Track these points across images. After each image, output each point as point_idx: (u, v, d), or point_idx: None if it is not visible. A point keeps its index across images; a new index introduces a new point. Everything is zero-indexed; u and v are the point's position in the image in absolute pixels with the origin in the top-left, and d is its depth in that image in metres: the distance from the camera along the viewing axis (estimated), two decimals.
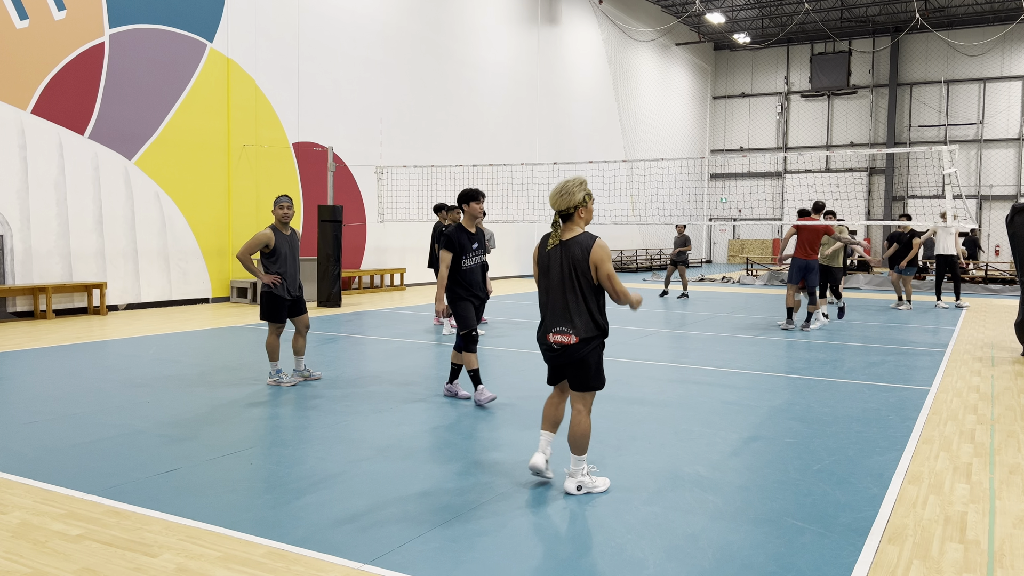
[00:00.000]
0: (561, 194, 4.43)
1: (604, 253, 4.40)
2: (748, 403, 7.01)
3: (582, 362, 4.45)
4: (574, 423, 4.50)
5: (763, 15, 34.96)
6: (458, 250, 6.74)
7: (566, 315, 4.45)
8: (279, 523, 4.06)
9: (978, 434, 6.06)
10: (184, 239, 15.15)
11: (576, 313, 4.43)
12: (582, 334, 4.41)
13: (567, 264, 4.43)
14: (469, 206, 6.84)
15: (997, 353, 10.19)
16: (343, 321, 13.00)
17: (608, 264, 4.40)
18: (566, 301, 4.45)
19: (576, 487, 4.51)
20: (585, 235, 4.44)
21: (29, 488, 4.56)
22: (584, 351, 4.43)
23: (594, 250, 4.39)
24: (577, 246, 4.42)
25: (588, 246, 4.40)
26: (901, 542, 3.93)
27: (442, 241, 6.73)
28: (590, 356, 4.45)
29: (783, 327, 12.31)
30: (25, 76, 12.58)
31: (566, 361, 4.48)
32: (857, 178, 36.72)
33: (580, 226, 4.49)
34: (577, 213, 4.46)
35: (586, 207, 4.45)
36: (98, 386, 7.44)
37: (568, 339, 4.43)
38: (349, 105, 18.70)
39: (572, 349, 4.44)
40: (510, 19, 24.55)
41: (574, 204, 4.43)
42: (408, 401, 6.96)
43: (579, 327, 4.42)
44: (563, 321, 4.46)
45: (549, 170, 24.83)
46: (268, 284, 7.43)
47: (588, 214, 4.47)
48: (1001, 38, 33.72)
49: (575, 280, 4.42)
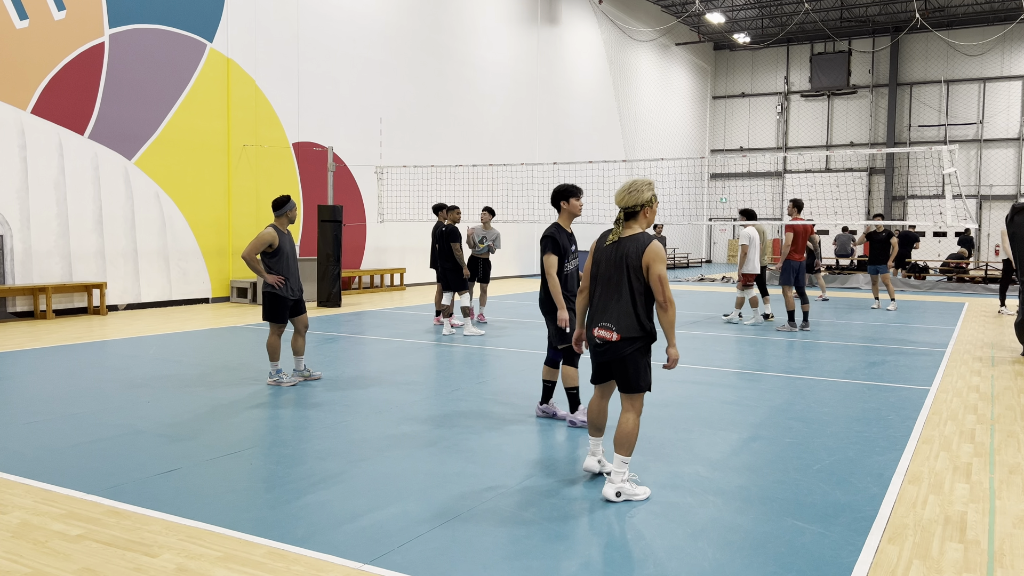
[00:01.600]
0: (629, 191, 4.45)
1: (659, 254, 4.37)
2: (748, 403, 7.01)
3: (624, 361, 4.43)
4: (621, 422, 4.48)
5: (763, 15, 34.95)
6: (562, 253, 5.96)
7: (612, 312, 4.44)
8: (279, 523, 4.06)
9: (978, 434, 6.06)
10: (184, 239, 15.15)
11: (621, 311, 4.42)
12: (624, 333, 4.40)
13: (621, 261, 4.43)
14: (568, 203, 5.95)
15: (997, 353, 10.19)
16: (343, 321, 13.00)
17: (660, 266, 4.36)
18: (614, 298, 4.45)
19: (615, 493, 4.43)
20: (643, 234, 4.45)
21: (29, 488, 4.56)
22: (627, 350, 4.41)
23: (649, 249, 4.38)
24: (633, 243, 4.42)
25: (644, 244, 4.39)
26: (901, 542, 3.93)
27: (546, 244, 5.92)
28: (634, 356, 4.42)
29: (781, 328, 12.28)
30: (25, 76, 12.58)
31: (611, 358, 4.46)
32: (857, 178, 36.72)
33: (642, 226, 4.50)
34: (642, 212, 4.48)
35: (651, 207, 4.48)
36: (98, 386, 7.44)
37: (610, 335, 4.43)
38: (349, 105, 18.70)
39: (615, 347, 4.42)
40: (510, 19, 24.55)
41: (641, 202, 4.45)
42: (408, 401, 6.96)
43: (623, 325, 4.41)
44: (608, 317, 4.45)
45: (549, 170, 24.84)
46: (272, 284, 7.44)
47: (652, 215, 4.50)
48: (1001, 38, 33.72)
49: (626, 277, 4.41)
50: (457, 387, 7.60)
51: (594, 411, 4.80)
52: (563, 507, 4.34)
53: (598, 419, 4.79)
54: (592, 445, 4.83)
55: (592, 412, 4.80)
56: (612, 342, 4.43)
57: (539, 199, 23.77)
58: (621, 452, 4.46)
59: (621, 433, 4.46)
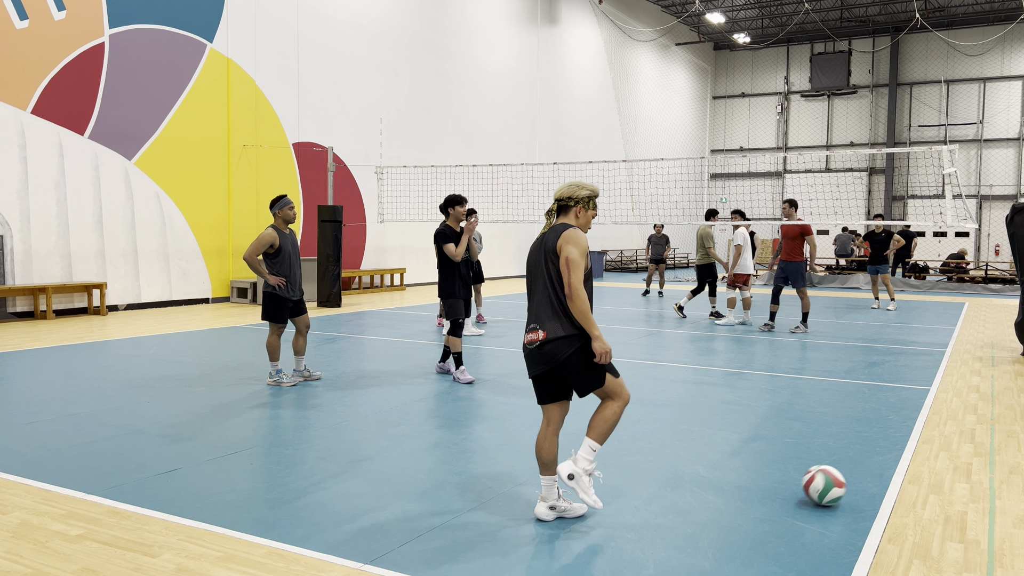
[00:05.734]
0: (568, 185, 4.12)
1: (574, 238, 3.91)
2: (748, 403, 7.01)
3: (565, 366, 3.92)
4: (601, 407, 4.02)
5: (763, 15, 34.96)
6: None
7: (535, 310, 4.03)
8: (279, 523, 4.06)
9: (978, 434, 6.06)
10: (184, 239, 15.15)
11: (545, 308, 3.97)
12: (551, 332, 3.91)
13: (541, 253, 4.02)
14: (454, 210, 7.92)
15: (997, 353, 10.19)
16: (343, 321, 13.00)
17: (571, 248, 3.88)
18: (536, 295, 4.03)
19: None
20: (564, 225, 4.03)
21: (29, 488, 4.56)
22: (561, 353, 3.90)
23: (565, 233, 3.95)
24: (553, 233, 4.01)
25: (561, 231, 3.98)
26: (901, 542, 3.93)
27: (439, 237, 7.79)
28: (572, 358, 3.91)
29: (794, 330, 12.09)
30: (25, 76, 12.58)
31: (544, 366, 3.96)
32: (857, 178, 36.72)
33: (571, 223, 4.09)
34: (575, 209, 4.09)
35: (585, 209, 4.09)
36: (98, 386, 7.44)
37: (536, 335, 3.96)
38: (349, 105, 18.70)
39: (546, 349, 3.93)
40: (510, 19, 24.55)
41: (574, 197, 4.08)
42: (408, 401, 6.96)
43: (547, 323, 3.94)
44: (534, 318, 4.02)
45: (549, 170, 24.83)
46: (274, 285, 7.44)
47: (585, 219, 4.10)
48: (1001, 38, 33.71)
49: (547, 271, 3.98)
50: (457, 387, 7.60)
51: (538, 442, 4.10)
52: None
53: (543, 452, 4.07)
54: (544, 488, 4.09)
55: (537, 444, 4.10)
56: (540, 342, 3.94)
57: (539, 199, 23.77)
58: (591, 436, 3.99)
59: (598, 416, 3.99)
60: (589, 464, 4.00)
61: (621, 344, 10.53)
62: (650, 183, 30.74)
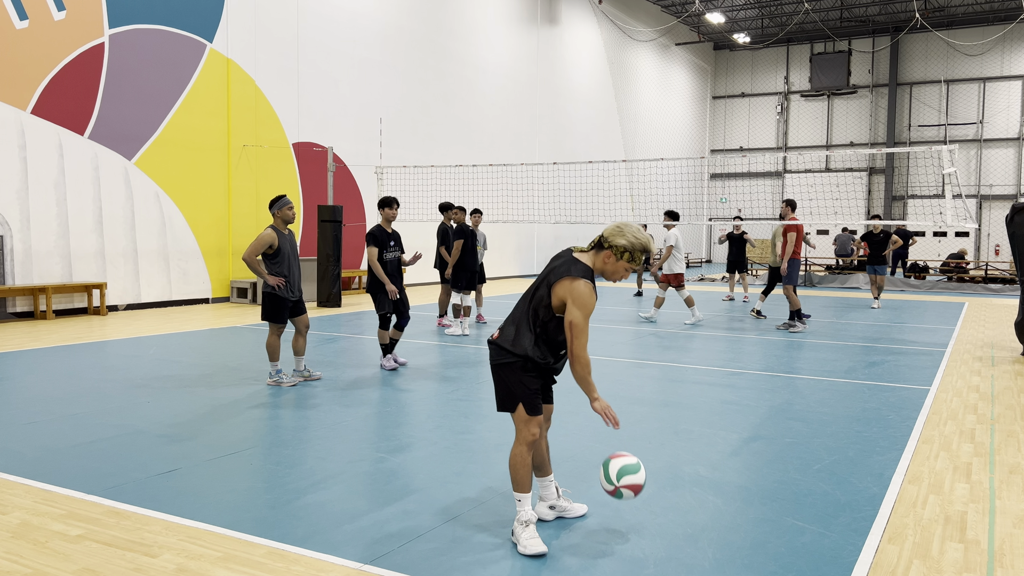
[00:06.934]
0: (616, 225, 3.85)
1: (581, 300, 3.68)
2: (748, 403, 7.01)
3: (494, 369, 3.90)
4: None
5: (763, 15, 34.96)
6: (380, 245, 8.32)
7: (512, 312, 3.95)
8: (279, 523, 4.06)
9: (978, 434, 6.06)
10: (184, 239, 15.15)
11: (514, 315, 3.91)
12: (503, 341, 3.86)
13: (545, 276, 3.87)
14: (384, 211, 8.43)
15: (997, 353, 10.19)
16: (343, 321, 13.00)
17: (575, 313, 3.68)
18: (520, 303, 3.95)
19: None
20: (581, 265, 3.79)
21: (29, 488, 4.56)
22: (498, 358, 3.86)
23: (573, 286, 3.71)
24: (564, 265, 3.80)
25: (568, 273, 3.75)
26: (901, 542, 3.93)
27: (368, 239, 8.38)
28: (502, 369, 3.85)
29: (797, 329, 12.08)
30: (25, 76, 12.58)
31: (490, 359, 3.94)
32: (857, 178, 36.72)
33: (596, 263, 3.86)
34: (605, 253, 3.81)
35: (615, 258, 3.80)
36: (98, 386, 7.44)
37: (496, 334, 3.94)
38: (349, 105, 18.70)
39: (493, 348, 3.90)
40: (510, 19, 24.55)
41: (609, 240, 3.80)
42: (408, 401, 6.96)
43: (507, 329, 3.89)
44: (508, 317, 3.96)
45: (549, 170, 24.84)
46: (273, 285, 7.44)
47: (612, 267, 3.82)
48: (1001, 38, 33.72)
49: (535, 291, 3.87)
50: (456, 387, 7.60)
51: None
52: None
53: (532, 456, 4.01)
54: (541, 488, 4.13)
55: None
56: (494, 341, 3.90)
57: (539, 199, 23.78)
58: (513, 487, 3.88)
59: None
60: (524, 513, 3.80)
61: (621, 344, 10.53)
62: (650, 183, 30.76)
